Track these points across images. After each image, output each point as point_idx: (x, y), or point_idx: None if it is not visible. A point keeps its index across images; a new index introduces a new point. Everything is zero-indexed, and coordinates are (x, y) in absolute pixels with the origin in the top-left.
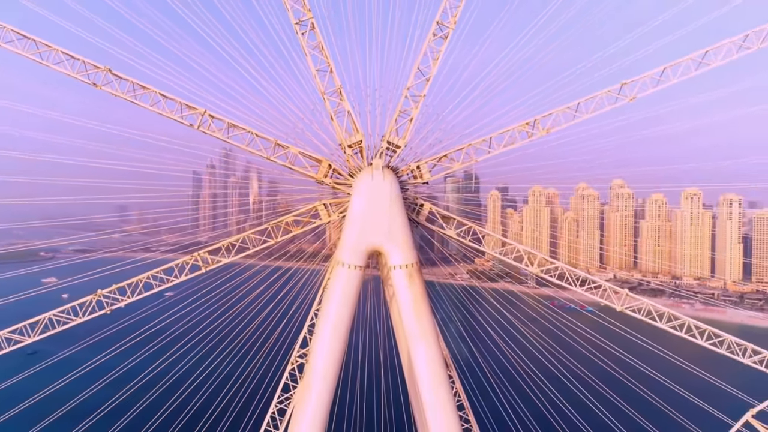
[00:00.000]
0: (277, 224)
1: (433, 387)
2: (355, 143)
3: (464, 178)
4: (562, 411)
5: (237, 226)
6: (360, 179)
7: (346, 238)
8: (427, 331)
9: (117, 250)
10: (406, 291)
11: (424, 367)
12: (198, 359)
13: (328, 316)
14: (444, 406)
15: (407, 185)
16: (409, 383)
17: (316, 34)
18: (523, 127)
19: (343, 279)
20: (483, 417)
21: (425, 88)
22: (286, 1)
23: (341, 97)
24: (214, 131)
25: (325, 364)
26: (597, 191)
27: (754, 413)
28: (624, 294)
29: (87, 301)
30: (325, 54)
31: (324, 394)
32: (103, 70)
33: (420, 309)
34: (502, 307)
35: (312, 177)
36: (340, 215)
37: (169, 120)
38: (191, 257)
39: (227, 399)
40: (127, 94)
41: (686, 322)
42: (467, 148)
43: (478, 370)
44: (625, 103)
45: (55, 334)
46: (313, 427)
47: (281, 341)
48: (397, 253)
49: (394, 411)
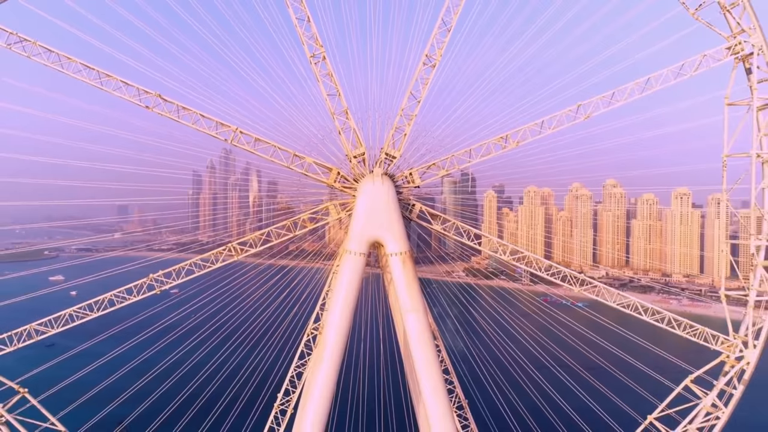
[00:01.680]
0: (295, 221)
1: (422, 348)
2: (359, 154)
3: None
4: (549, 396)
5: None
6: (363, 184)
7: (353, 231)
8: (418, 305)
9: (120, 249)
10: (400, 273)
11: (415, 333)
12: (212, 348)
13: (338, 294)
14: (431, 364)
15: (402, 189)
16: (404, 349)
17: (327, 65)
18: (498, 141)
19: (350, 264)
20: (476, 402)
21: (416, 108)
22: (302, 37)
23: (347, 116)
24: (243, 144)
25: (335, 334)
26: (591, 191)
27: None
28: (610, 291)
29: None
30: (334, 81)
31: (335, 357)
32: (154, 95)
33: (411, 287)
34: (497, 304)
35: (324, 182)
36: (346, 213)
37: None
38: (225, 247)
39: (249, 371)
40: (171, 114)
41: (666, 316)
42: (451, 158)
43: (472, 360)
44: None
45: (74, 329)
46: (325, 383)
47: (290, 328)
48: (393, 243)
49: (391, 376)
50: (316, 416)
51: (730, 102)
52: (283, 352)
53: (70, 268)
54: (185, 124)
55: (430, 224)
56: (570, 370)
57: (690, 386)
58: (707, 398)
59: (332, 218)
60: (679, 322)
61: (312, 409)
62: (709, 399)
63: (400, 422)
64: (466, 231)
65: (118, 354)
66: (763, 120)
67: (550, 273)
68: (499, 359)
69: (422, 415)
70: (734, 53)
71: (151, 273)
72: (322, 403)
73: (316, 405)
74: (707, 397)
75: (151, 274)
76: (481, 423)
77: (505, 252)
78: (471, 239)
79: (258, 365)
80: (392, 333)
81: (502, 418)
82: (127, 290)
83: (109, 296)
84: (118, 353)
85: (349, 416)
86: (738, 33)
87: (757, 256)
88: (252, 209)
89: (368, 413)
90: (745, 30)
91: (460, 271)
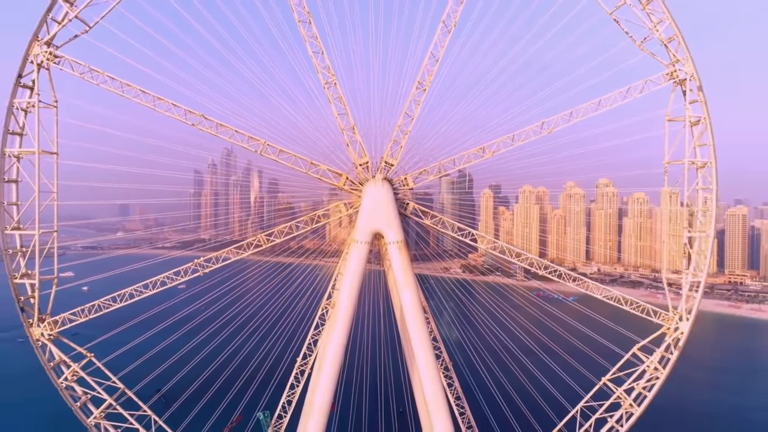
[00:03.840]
0: (311, 216)
1: (414, 318)
2: (363, 163)
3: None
4: (531, 373)
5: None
6: (367, 187)
7: (359, 224)
8: (411, 283)
9: (124, 247)
10: (397, 257)
11: (409, 305)
12: (233, 332)
13: (347, 275)
14: (421, 330)
15: (399, 190)
16: (400, 321)
17: (338, 89)
18: (477, 151)
19: (357, 251)
20: (468, 381)
21: (410, 125)
22: (318, 67)
23: (354, 132)
24: (270, 155)
25: (345, 307)
26: (584, 190)
27: (638, 347)
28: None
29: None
30: (343, 102)
31: (345, 326)
32: (198, 115)
33: (405, 269)
34: (491, 298)
35: (335, 185)
36: (353, 210)
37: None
38: (255, 238)
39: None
40: (211, 129)
41: (644, 307)
42: (438, 165)
43: (466, 347)
44: (545, 134)
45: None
46: (337, 347)
47: (299, 316)
48: (391, 234)
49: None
50: (330, 373)
51: (670, 118)
52: (295, 335)
53: (79, 266)
54: (223, 138)
55: (421, 219)
56: (552, 353)
57: (637, 353)
58: (650, 360)
59: (342, 214)
60: (636, 304)
61: (327, 367)
62: (653, 362)
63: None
64: (452, 225)
65: (143, 341)
66: (696, 133)
67: (528, 263)
68: (489, 345)
69: (415, 376)
70: (672, 79)
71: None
72: (335, 363)
73: (330, 365)
74: (650, 359)
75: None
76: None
77: (482, 241)
78: (455, 231)
79: (274, 345)
80: (391, 316)
81: (489, 393)
82: (171, 276)
83: (162, 278)
84: (143, 341)
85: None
86: (675, 62)
87: (689, 246)
88: (253, 208)
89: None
90: (680, 60)
91: (457, 268)
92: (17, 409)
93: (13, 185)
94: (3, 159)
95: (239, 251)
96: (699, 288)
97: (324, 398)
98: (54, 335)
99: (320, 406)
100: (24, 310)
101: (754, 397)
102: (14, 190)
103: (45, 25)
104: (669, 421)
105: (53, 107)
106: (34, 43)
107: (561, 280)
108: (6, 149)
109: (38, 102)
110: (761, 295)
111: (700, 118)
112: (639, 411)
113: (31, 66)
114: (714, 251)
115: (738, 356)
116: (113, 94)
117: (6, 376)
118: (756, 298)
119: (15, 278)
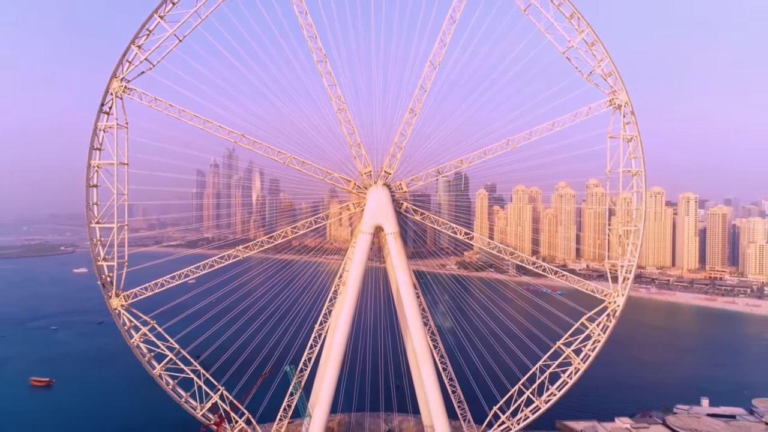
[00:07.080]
0: (326, 214)
1: (406, 292)
2: (367, 171)
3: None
4: (508, 347)
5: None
6: (371, 191)
7: (364, 219)
8: (404, 265)
9: (131, 245)
10: (393, 244)
11: (402, 283)
12: (248, 320)
13: (354, 260)
14: (412, 302)
15: (395, 193)
16: (396, 297)
17: (347, 113)
18: (457, 162)
19: (363, 240)
20: (453, 350)
21: (404, 142)
22: (332, 95)
23: (360, 147)
24: (294, 165)
25: (352, 287)
26: (575, 190)
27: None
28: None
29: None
30: (351, 124)
31: (352, 302)
32: (238, 134)
33: (400, 253)
34: (483, 292)
35: (346, 189)
36: (359, 209)
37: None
38: (282, 231)
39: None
40: (248, 145)
41: (592, 288)
42: (426, 173)
43: (458, 332)
44: (510, 149)
45: None
46: (346, 319)
47: (308, 305)
48: (389, 226)
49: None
50: (340, 339)
51: (611, 135)
52: (311, 312)
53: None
54: (258, 152)
55: (413, 215)
56: (529, 333)
57: (585, 323)
58: (593, 327)
59: (351, 211)
60: (588, 285)
61: (339, 334)
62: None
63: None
64: (436, 220)
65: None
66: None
67: (519, 260)
68: (479, 331)
69: (407, 336)
70: (612, 104)
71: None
72: (345, 331)
73: (340, 332)
74: (593, 326)
75: (231, 248)
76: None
77: (459, 232)
78: (440, 225)
79: (293, 321)
80: (391, 311)
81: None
82: (192, 269)
83: (191, 268)
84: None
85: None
86: (614, 91)
87: (624, 237)
88: (255, 207)
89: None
90: (617, 90)
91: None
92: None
93: (94, 189)
94: (89, 169)
95: (246, 250)
96: (631, 271)
97: (338, 352)
98: (126, 306)
99: (335, 357)
100: (104, 286)
101: (688, 369)
102: (95, 193)
103: (120, 66)
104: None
105: (124, 128)
106: (113, 80)
107: (545, 273)
108: (92, 161)
109: (116, 124)
110: (737, 289)
111: (633, 136)
112: (584, 366)
113: (110, 96)
114: (695, 248)
115: (697, 339)
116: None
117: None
118: (731, 292)
119: (98, 261)
